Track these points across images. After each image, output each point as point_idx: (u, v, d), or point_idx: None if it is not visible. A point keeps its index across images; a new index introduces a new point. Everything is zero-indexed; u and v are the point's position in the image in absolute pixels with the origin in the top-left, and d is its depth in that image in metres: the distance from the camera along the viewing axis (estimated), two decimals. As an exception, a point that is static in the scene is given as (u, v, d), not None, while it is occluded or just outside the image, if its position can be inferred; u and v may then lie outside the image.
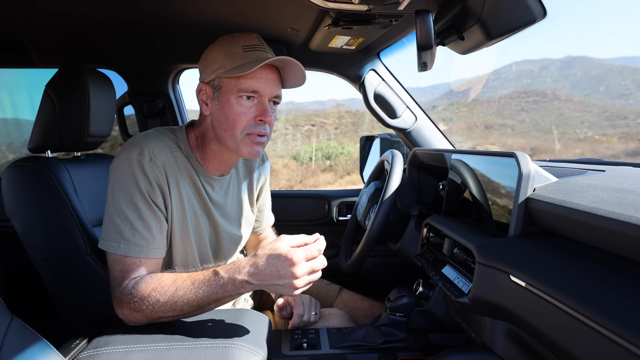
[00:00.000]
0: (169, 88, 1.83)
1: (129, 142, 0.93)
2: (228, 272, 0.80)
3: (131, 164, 0.89)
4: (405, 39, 1.44)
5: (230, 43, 0.95)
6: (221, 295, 0.80)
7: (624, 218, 0.54)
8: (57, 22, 1.32)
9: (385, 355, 0.96)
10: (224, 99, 0.94)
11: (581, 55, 43.40)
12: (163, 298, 0.82)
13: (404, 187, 1.32)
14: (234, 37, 0.96)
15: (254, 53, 0.93)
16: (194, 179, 0.99)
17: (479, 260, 0.74)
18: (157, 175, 0.90)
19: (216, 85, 0.95)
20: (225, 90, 0.93)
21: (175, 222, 0.96)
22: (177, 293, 0.81)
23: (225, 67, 0.93)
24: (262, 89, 0.93)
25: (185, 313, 0.84)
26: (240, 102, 0.93)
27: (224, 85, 0.94)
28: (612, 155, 12.42)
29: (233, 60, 0.92)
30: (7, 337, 0.65)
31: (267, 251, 0.79)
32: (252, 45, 0.95)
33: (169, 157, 0.94)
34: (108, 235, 0.89)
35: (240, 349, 0.77)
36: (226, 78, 0.93)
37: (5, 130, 4.61)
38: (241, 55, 0.93)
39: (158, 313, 0.83)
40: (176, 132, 1.01)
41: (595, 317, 0.48)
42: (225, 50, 0.94)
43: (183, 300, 0.81)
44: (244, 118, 0.93)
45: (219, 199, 1.06)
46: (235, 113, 0.93)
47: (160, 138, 0.95)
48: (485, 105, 16.88)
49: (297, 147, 13.23)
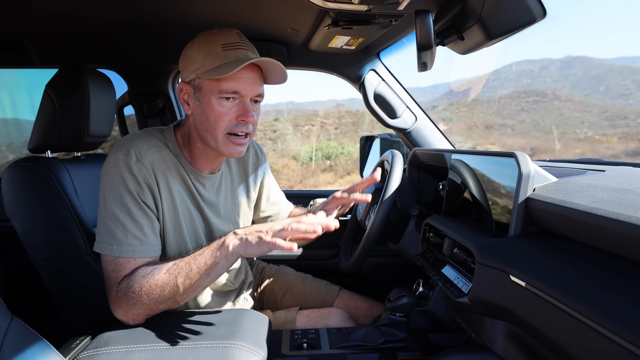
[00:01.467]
0: (169, 88, 1.83)
1: (116, 144, 0.93)
2: (217, 239, 0.87)
3: (118, 166, 0.89)
4: (405, 39, 1.44)
5: (209, 41, 0.93)
6: (213, 260, 0.83)
7: (624, 218, 0.54)
8: (57, 23, 1.32)
9: (385, 355, 0.96)
10: (205, 99, 0.93)
11: (581, 55, 43.39)
12: (158, 280, 0.83)
13: (404, 187, 1.32)
14: (213, 34, 0.94)
15: (233, 52, 0.91)
16: (183, 177, 0.99)
17: (478, 260, 0.74)
18: (145, 175, 0.91)
19: (196, 85, 0.94)
20: (206, 91, 0.92)
21: (167, 220, 0.96)
22: (171, 271, 0.84)
23: (205, 67, 0.91)
24: (243, 89, 0.92)
25: (180, 290, 0.84)
26: (221, 102, 0.92)
27: (204, 85, 0.93)
28: (612, 155, 12.42)
29: (212, 60, 0.91)
30: (7, 337, 0.65)
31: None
32: (232, 43, 0.92)
33: (156, 157, 0.94)
34: (101, 237, 0.89)
35: (240, 349, 0.77)
36: (206, 79, 0.92)
37: (5, 130, 4.61)
38: (220, 55, 0.91)
39: (155, 297, 0.83)
40: (164, 132, 1.01)
41: (595, 317, 0.48)
42: (204, 49, 0.92)
43: (177, 275, 0.83)
44: (225, 118, 0.93)
45: (210, 197, 1.06)
46: (216, 114, 0.92)
47: (147, 138, 0.95)
48: (485, 105, 16.88)
49: (297, 147, 13.24)
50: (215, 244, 0.85)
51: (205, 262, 0.83)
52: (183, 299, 0.86)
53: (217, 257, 0.83)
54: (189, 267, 0.84)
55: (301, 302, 1.34)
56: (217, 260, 0.83)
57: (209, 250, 0.85)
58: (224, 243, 0.84)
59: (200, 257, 0.84)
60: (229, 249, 0.83)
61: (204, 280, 0.84)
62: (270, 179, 1.30)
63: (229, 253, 0.83)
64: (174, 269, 0.85)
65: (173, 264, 0.86)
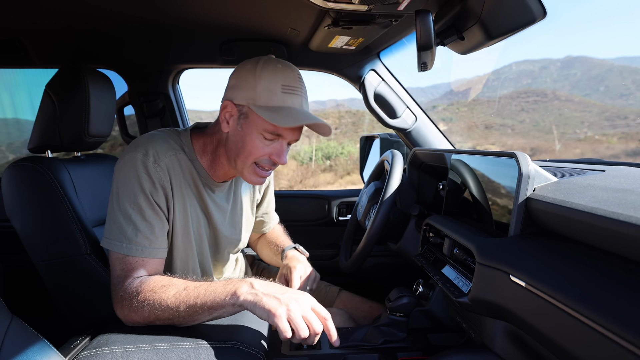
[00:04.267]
0: (169, 88, 1.83)
1: (134, 143, 0.93)
2: (228, 279, 0.84)
3: (135, 165, 0.89)
4: (405, 39, 1.44)
5: (271, 75, 0.91)
6: (220, 303, 0.79)
7: (624, 218, 0.53)
8: (58, 22, 1.32)
9: (385, 355, 0.96)
10: (248, 129, 0.93)
11: (581, 55, 43.39)
12: (163, 301, 0.82)
13: (404, 187, 1.32)
14: (277, 69, 0.92)
15: (291, 98, 0.91)
16: (196, 182, 1.00)
17: (479, 260, 0.74)
18: (161, 176, 0.91)
19: (244, 112, 0.93)
20: (252, 122, 0.92)
21: (177, 223, 0.96)
22: (177, 297, 0.82)
23: (260, 102, 0.90)
24: (286, 135, 0.94)
25: (180, 317, 0.82)
26: (262, 139, 0.93)
27: (251, 117, 0.92)
28: (612, 155, 12.41)
29: (269, 98, 0.90)
30: (7, 337, 0.65)
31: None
32: (292, 87, 0.92)
33: (172, 160, 0.94)
34: (111, 234, 0.89)
35: (240, 349, 0.77)
36: (256, 114, 0.91)
37: (5, 130, 4.61)
38: (279, 96, 0.90)
39: (155, 314, 0.82)
40: (181, 135, 1.01)
41: (595, 317, 0.48)
42: (265, 83, 0.91)
43: (180, 302, 0.81)
44: (260, 152, 0.94)
45: (219, 203, 1.07)
46: (253, 146, 0.93)
47: (165, 140, 0.95)
48: (485, 105, 16.88)
49: (297, 147, 13.23)
50: (230, 287, 0.81)
51: (212, 301, 0.80)
52: (180, 324, 0.85)
53: (225, 301, 0.80)
54: (196, 301, 0.81)
55: (301, 303, 1.34)
56: (224, 304, 0.80)
57: (220, 290, 0.81)
58: (235, 293, 0.79)
59: (208, 295, 0.81)
60: (239, 299, 0.79)
61: (205, 316, 0.82)
62: (271, 189, 1.31)
63: (237, 304, 0.79)
64: (182, 295, 0.81)
65: (183, 288, 0.83)
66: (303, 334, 0.75)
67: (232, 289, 0.80)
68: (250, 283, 0.81)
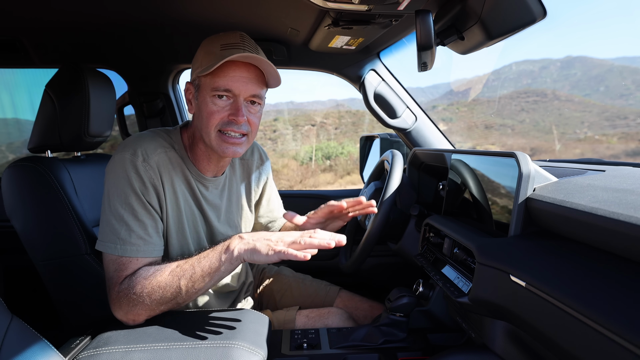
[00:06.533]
0: (169, 88, 1.83)
1: (123, 144, 0.93)
2: (221, 242, 0.86)
3: (125, 165, 0.89)
4: (405, 39, 1.44)
5: (211, 42, 0.94)
6: (217, 263, 0.83)
7: (624, 218, 0.54)
8: (57, 22, 1.32)
9: (385, 355, 0.96)
10: (202, 98, 0.94)
11: (581, 55, 43.40)
12: (160, 281, 0.83)
13: (404, 187, 1.32)
14: (218, 36, 0.95)
15: (229, 51, 0.90)
16: (188, 179, 0.99)
17: (479, 260, 0.74)
18: (151, 175, 0.91)
19: (197, 85, 0.95)
20: (202, 89, 0.94)
21: (170, 221, 0.96)
22: (174, 273, 0.84)
23: (202, 66, 0.92)
24: (235, 87, 0.92)
25: (182, 293, 0.83)
26: (214, 101, 0.92)
27: (202, 84, 0.94)
28: (612, 155, 12.41)
29: (209, 59, 0.91)
30: (7, 337, 0.65)
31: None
32: (231, 43, 0.92)
33: (162, 157, 0.94)
34: (105, 236, 0.89)
35: (240, 349, 0.77)
36: (203, 77, 0.93)
37: (5, 130, 4.61)
38: (217, 54, 0.91)
39: (156, 298, 0.83)
40: (170, 133, 1.01)
41: (595, 317, 0.48)
42: (205, 49, 0.94)
43: (177, 277, 0.83)
44: (216, 116, 0.93)
45: (213, 200, 1.06)
46: (209, 111, 0.93)
47: (153, 138, 0.95)
48: (485, 105, 16.88)
49: (297, 147, 13.25)
50: (220, 247, 0.85)
51: (209, 266, 0.83)
52: (185, 301, 0.86)
53: (221, 261, 0.82)
54: (193, 270, 0.83)
55: (301, 303, 1.34)
56: (220, 263, 0.82)
57: (213, 253, 0.85)
58: (229, 247, 0.83)
59: (204, 260, 0.84)
60: (234, 253, 0.82)
61: (207, 283, 0.84)
62: (271, 184, 1.30)
63: (234, 257, 0.82)
64: (177, 271, 0.84)
65: (176, 265, 0.85)
66: (314, 243, 0.79)
67: (224, 247, 0.84)
68: (239, 236, 0.85)
